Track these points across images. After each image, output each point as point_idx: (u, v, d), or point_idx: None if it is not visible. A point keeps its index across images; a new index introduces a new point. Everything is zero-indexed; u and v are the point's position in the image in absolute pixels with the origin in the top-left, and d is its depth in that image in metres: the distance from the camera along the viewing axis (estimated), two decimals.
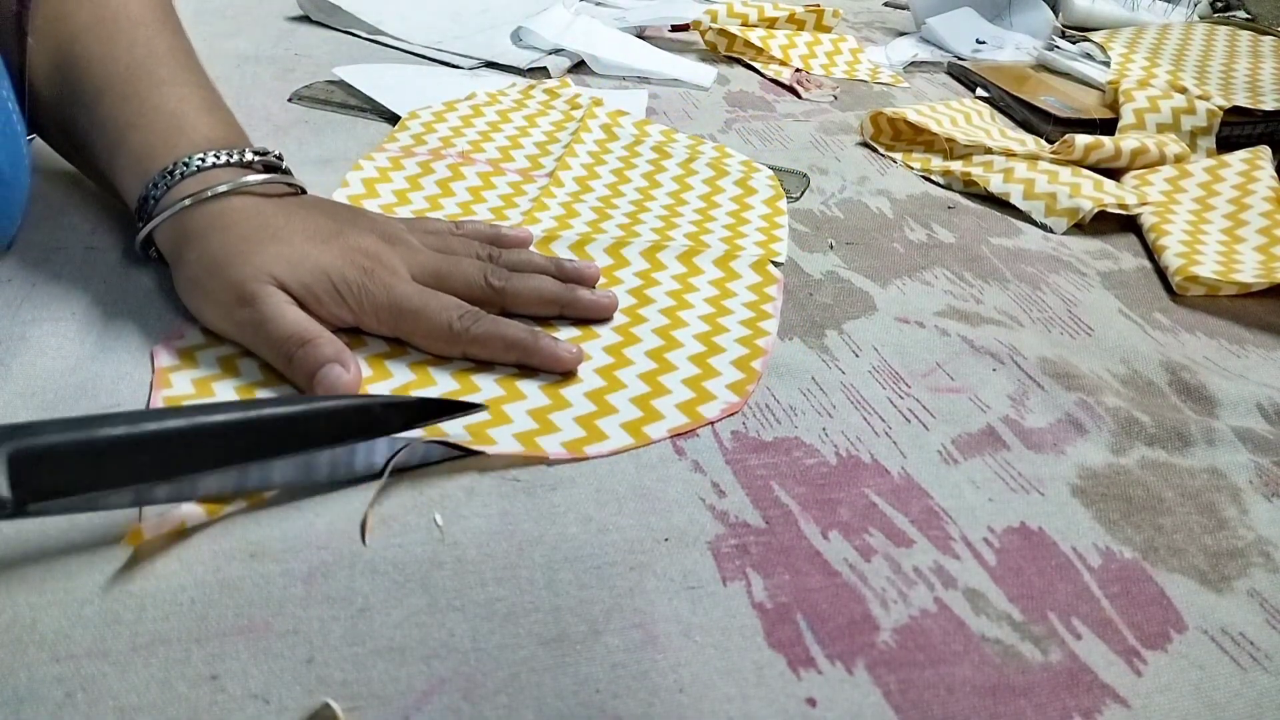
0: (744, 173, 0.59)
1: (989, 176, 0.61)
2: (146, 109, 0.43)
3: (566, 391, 0.39)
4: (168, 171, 0.41)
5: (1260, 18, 0.95)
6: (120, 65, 0.44)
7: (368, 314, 0.39)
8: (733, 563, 0.32)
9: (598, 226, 0.52)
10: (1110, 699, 0.29)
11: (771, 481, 0.36)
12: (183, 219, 0.40)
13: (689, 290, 0.47)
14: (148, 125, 0.42)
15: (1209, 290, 0.52)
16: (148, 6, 0.47)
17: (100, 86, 0.44)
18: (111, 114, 0.43)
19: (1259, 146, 0.66)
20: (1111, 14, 0.93)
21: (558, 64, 0.74)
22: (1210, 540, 0.36)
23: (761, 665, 0.29)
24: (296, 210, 0.42)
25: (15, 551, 0.30)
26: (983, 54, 0.86)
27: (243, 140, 0.44)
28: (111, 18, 0.45)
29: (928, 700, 0.28)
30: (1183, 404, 0.43)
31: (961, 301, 0.49)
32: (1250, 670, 0.31)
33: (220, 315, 0.39)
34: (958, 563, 0.33)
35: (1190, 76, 0.75)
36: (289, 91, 0.65)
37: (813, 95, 0.75)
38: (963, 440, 0.39)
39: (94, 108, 0.43)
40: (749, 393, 0.40)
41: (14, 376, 0.37)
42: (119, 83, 0.44)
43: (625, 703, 0.27)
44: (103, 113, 0.43)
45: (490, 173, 0.57)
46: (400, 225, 0.44)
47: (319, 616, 0.29)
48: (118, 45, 0.45)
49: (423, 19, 0.81)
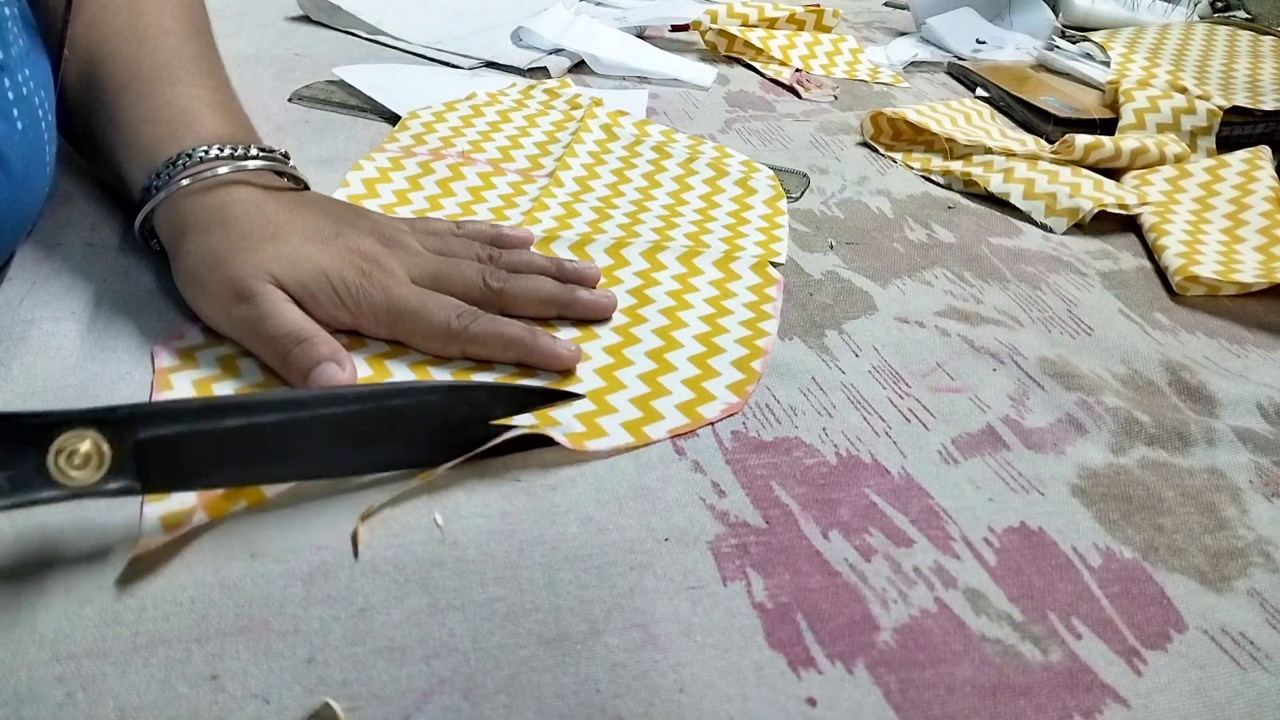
0: (744, 173, 0.59)
1: (989, 176, 0.61)
2: (159, 105, 0.44)
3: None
4: (171, 162, 0.41)
5: (1260, 18, 0.95)
6: (143, 67, 0.45)
7: (366, 316, 0.39)
8: (733, 562, 0.32)
9: (598, 227, 0.52)
10: (1110, 699, 0.29)
11: (772, 481, 0.36)
12: (183, 210, 0.40)
13: (689, 290, 0.47)
14: (158, 120, 0.43)
15: (1209, 290, 0.52)
16: (179, 17, 0.49)
17: (121, 86, 0.45)
18: (126, 111, 0.44)
19: (1259, 146, 0.66)
20: (1111, 14, 0.93)
21: (558, 64, 0.74)
22: (1210, 540, 0.36)
23: (762, 665, 0.29)
24: (298, 209, 0.42)
25: (15, 551, 0.30)
26: (983, 54, 0.86)
27: (252, 138, 0.45)
28: (144, 25, 0.47)
29: (928, 700, 0.28)
30: (1183, 404, 0.43)
31: (961, 301, 0.49)
32: (1250, 670, 0.31)
33: (217, 310, 0.39)
34: (958, 562, 0.33)
35: (1190, 76, 0.75)
36: (289, 91, 0.65)
37: (813, 95, 0.75)
38: (963, 440, 0.39)
39: (113, 106, 0.44)
40: (749, 393, 0.40)
41: (14, 376, 0.37)
42: (139, 82, 0.45)
43: (625, 703, 0.27)
44: (119, 111, 0.44)
45: (490, 173, 0.57)
46: (401, 226, 0.44)
47: (319, 616, 0.29)
48: (143, 48, 0.46)
49: (423, 19, 0.81)
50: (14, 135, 0.38)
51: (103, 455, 0.28)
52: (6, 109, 0.38)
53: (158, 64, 0.45)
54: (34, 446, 0.28)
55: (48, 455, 0.28)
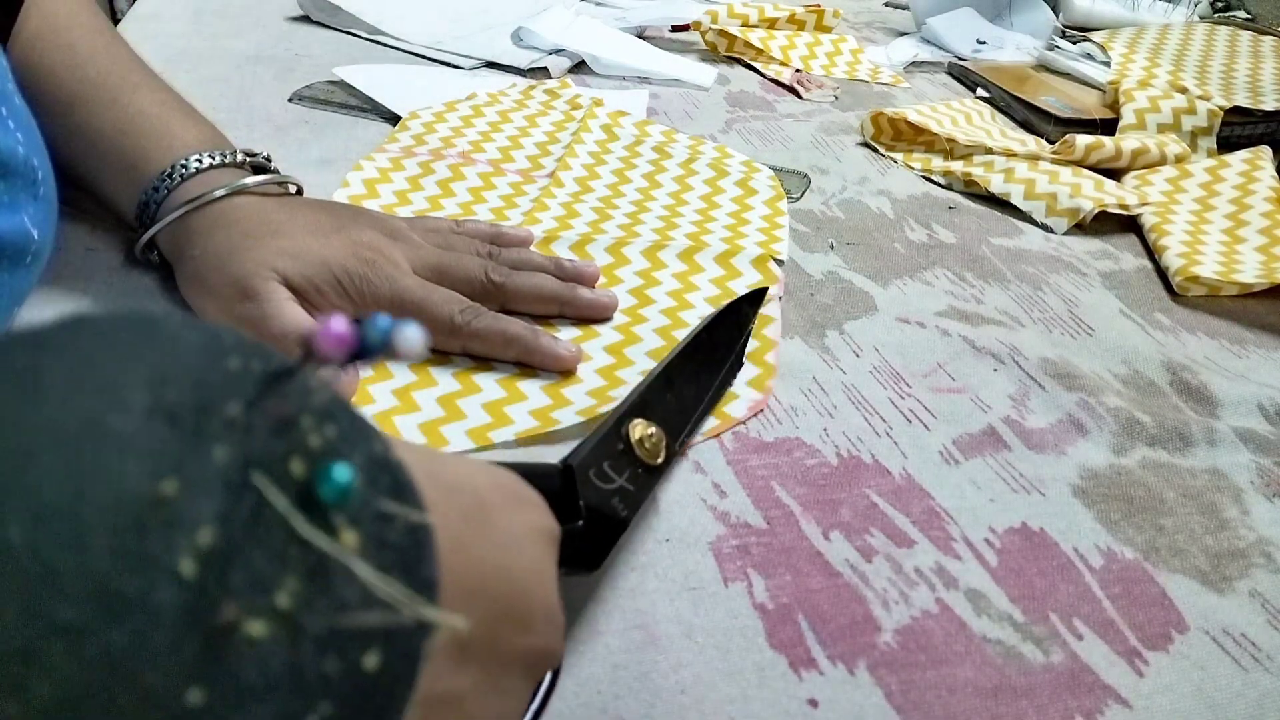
0: (744, 173, 0.59)
1: (990, 177, 0.61)
2: (132, 114, 0.43)
3: (567, 391, 0.39)
4: (165, 174, 0.41)
5: (1260, 18, 0.95)
6: (90, 72, 0.44)
7: (369, 306, 0.39)
8: (734, 563, 0.32)
9: (598, 227, 0.52)
10: (1112, 700, 0.29)
11: (772, 482, 0.36)
12: (184, 220, 0.40)
13: (690, 290, 0.47)
14: (136, 130, 0.43)
15: (1210, 290, 0.52)
16: (91, 13, 0.47)
17: (72, 95, 0.44)
18: (92, 121, 0.43)
19: (1259, 147, 0.66)
20: (1112, 14, 0.93)
21: (558, 64, 0.74)
22: (1212, 541, 0.36)
23: (763, 666, 0.29)
24: (298, 207, 0.42)
25: None
26: (983, 54, 0.86)
27: (223, 139, 0.45)
28: (65, 27, 0.45)
29: (929, 701, 0.28)
30: (1184, 404, 0.43)
31: (962, 302, 0.49)
32: (1252, 671, 0.31)
33: (221, 309, 0.39)
34: (959, 563, 0.33)
35: (1191, 77, 0.75)
36: (289, 91, 0.65)
37: (813, 95, 0.75)
38: (964, 440, 0.39)
39: (67, 116, 0.43)
40: (770, 388, 0.40)
41: None
42: (92, 89, 0.44)
43: (627, 703, 0.27)
44: (79, 121, 0.43)
45: (491, 173, 0.57)
46: (401, 223, 0.44)
47: None
48: (78, 54, 0.45)
49: (423, 19, 0.81)
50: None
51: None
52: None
53: (102, 69, 0.45)
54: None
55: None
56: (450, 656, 0.18)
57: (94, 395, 0.13)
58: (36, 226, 0.35)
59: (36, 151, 0.36)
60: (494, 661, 0.19)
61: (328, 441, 0.15)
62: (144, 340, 0.14)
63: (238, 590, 0.13)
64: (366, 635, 0.14)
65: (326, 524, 0.14)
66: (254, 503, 0.14)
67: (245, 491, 0.14)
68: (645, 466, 0.31)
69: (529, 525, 0.22)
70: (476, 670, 0.19)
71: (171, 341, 0.14)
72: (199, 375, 0.14)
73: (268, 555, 0.14)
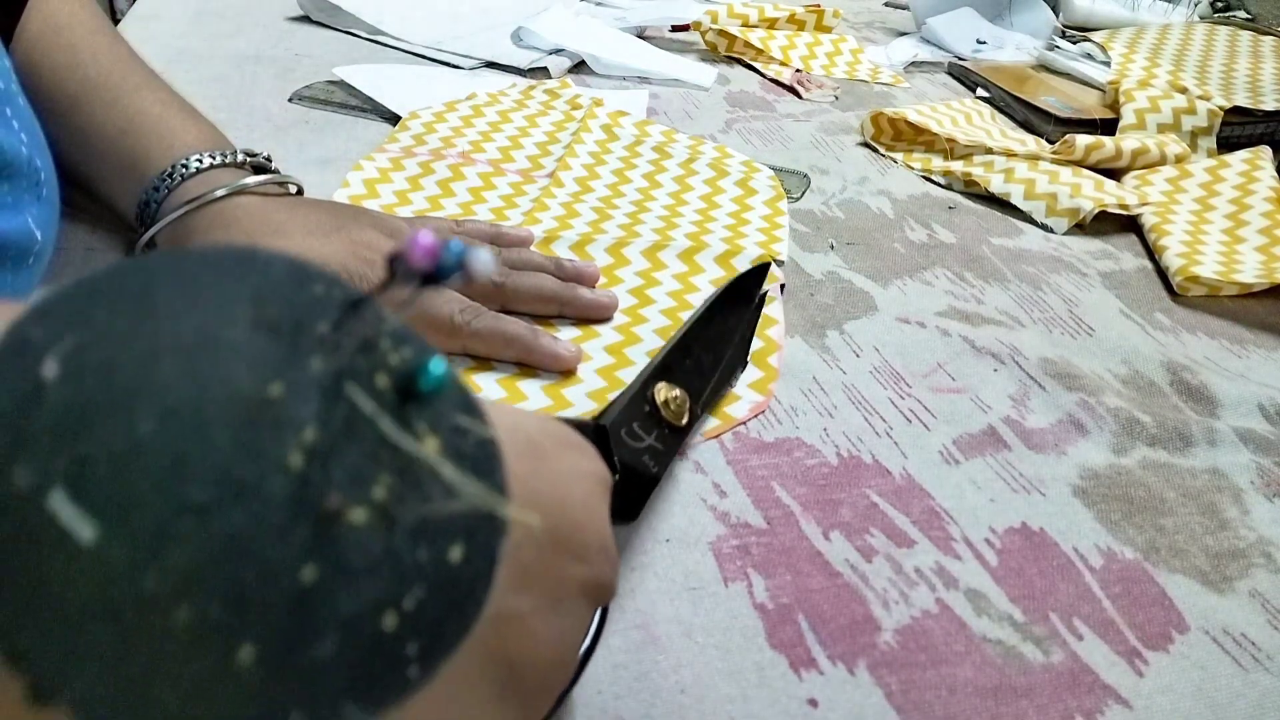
0: (745, 173, 0.59)
1: (990, 177, 0.61)
2: (133, 114, 0.43)
3: (568, 391, 0.39)
4: (166, 174, 0.41)
5: (1260, 18, 0.95)
6: (90, 73, 0.44)
7: None
8: (734, 563, 0.32)
9: (598, 227, 0.52)
10: (1112, 700, 0.29)
11: (773, 482, 0.36)
12: (185, 219, 0.40)
13: (690, 290, 0.47)
14: (137, 130, 0.43)
15: (1210, 290, 0.52)
16: (92, 14, 0.48)
17: (73, 95, 0.44)
18: (93, 122, 0.43)
19: (1259, 147, 0.66)
20: (1112, 14, 0.93)
21: (558, 64, 0.74)
22: (1212, 541, 0.36)
23: (763, 666, 0.29)
24: (298, 207, 0.42)
25: None
26: (983, 54, 0.86)
27: (224, 139, 0.45)
28: (66, 27, 0.46)
29: (929, 701, 0.28)
30: (1184, 404, 0.43)
31: (962, 302, 0.49)
32: (1252, 671, 0.31)
33: None
34: (959, 563, 0.33)
35: (1191, 77, 0.75)
36: (289, 91, 0.65)
37: (813, 95, 0.75)
38: (964, 440, 0.39)
39: (68, 116, 0.44)
40: (771, 391, 0.40)
41: None
42: (93, 90, 0.44)
43: (627, 703, 0.27)
44: (80, 121, 0.43)
45: (491, 173, 0.57)
46: (402, 222, 0.44)
47: None
48: (79, 54, 0.45)
49: (423, 19, 0.81)
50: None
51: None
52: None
53: (103, 69, 0.45)
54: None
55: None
56: (513, 578, 0.19)
57: (204, 310, 0.15)
58: (40, 227, 0.35)
59: (40, 152, 0.36)
60: (553, 587, 0.21)
61: (405, 360, 0.17)
62: (241, 265, 0.16)
63: (339, 482, 0.15)
64: (451, 529, 0.16)
65: (411, 430, 0.16)
66: (347, 409, 0.15)
67: (339, 399, 0.15)
68: (671, 427, 0.33)
69: (582, 467, 0.23)
70: (537, 592, 0.20)
71: (265, 265, 0.16)
72: (291, 296, 0.16)
73: (362, 454, 0.15)
